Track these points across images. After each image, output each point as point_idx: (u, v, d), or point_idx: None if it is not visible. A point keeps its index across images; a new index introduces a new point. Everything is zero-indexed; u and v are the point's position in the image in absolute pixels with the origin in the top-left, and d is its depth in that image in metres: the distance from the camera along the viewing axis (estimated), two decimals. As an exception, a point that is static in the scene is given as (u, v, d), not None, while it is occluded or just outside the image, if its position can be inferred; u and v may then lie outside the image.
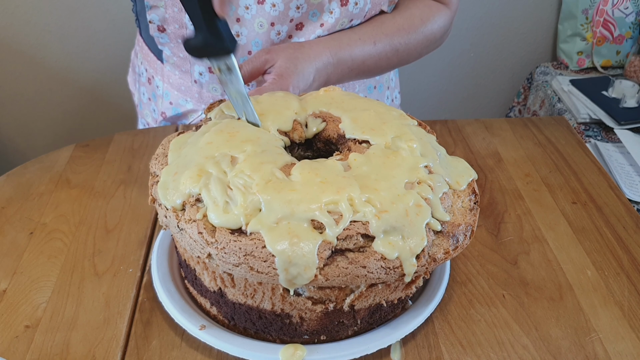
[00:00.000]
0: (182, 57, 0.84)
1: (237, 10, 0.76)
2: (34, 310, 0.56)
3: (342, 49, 0.75)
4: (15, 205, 0.71)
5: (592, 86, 1.57)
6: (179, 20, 0.78)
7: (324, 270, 0.44)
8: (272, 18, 0.76)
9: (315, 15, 0.77)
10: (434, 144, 0.56)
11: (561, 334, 0.54)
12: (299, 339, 0.51)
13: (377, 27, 0.79)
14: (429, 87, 1.92)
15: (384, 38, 0.78)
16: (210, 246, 0.45)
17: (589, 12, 1.67)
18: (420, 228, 0.46)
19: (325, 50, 0.73)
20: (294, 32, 0.79)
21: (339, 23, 0.79)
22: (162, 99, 0.92)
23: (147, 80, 0.95)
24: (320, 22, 0.78)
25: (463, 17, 1.78)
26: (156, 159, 0.55)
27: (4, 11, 1.58)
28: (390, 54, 0.80)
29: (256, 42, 0.79)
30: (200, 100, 0.88)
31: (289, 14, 0.77)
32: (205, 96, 0.87)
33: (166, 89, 0.90)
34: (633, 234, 0.67)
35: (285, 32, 0.78)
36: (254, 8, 0.76)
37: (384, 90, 0.97)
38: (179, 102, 0.90)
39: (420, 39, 0.82)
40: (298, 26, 0.79)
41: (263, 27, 0.77)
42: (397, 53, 0.80)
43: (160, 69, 0.89)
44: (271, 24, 0.77)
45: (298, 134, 0.57)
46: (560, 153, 0.83)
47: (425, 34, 0.82)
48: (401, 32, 0.80)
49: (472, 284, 0.60)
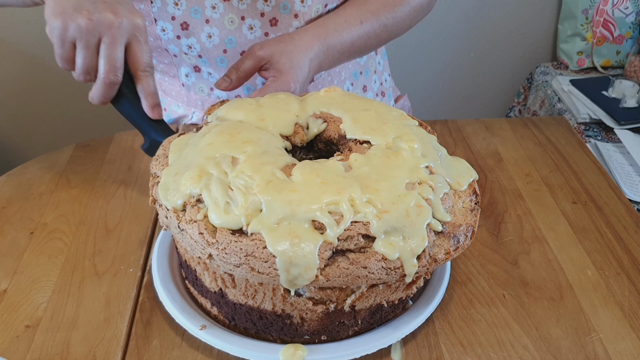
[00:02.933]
0: (167, 63, 0.84)
1: (205, 12, 0.75)
2: (35, 310, 0.56)
3: (329, 35, 0.74)
4: (15, 205, 0.71)
5: (592, 86, 1.57)
6: (153, 33, 0.77)
7: (324, 270, 0.44)
8: (241, 12, 0.76)
9: (286, 8, 0.76)
10: (434, 144, 0.56)
11: (561, 334, 0.54)
12: (300, 339, 0.51)
13: (362, 6, 0.78)
14: (429, 87, 1.92)
15: (370, 16, 0.77)
16: (211, 247, 0.45)
17: (589, 12, 1.67)
18: (421, 228, 0.46)
19: (315, 39, 0.72)
20: (269, 29, 0.78)
21: (314, 10, 0.78)
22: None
23: None
24: (293, 14, 0.78)
25: (463, 17, 1.78)
26: (157, 160, 0.55)
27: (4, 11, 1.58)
28: (379, 31, 0.79)
29: (229, 39, 0.78)
30: (189, 104, 0.88)
31: (257, 7, 0.76)
32: (193, 99, 0.87)
33: (161, 96, 0.91)
34: (633, 234, 0.67)
35: (259, 28, 0.78)
36: (221, 6, 0.75)
37: (371, 75, 0.96)
38: (172, 107, 0.90)
39: (407, 10, 0.80)
40: (272, 22, 0.78)
41: (234, 22, 0.76)
42: (387, 29, 0.79)
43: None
44: (241, 18, 0.76)
45: (300, 137, 0.57)
46: (560, 153, 0.83)
47: (412, 4, 0.81)
48: (387, 7, 0.78)
49: (473, 284, 0.60)
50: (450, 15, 1.78)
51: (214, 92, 0.86)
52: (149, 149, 0.65)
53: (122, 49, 0.58)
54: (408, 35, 0.97)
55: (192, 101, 0.88)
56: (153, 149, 0.63)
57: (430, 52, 1.84)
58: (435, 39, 1.82)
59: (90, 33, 0.56)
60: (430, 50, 1.84)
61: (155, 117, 0.63)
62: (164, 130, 0.64)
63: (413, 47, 1.82)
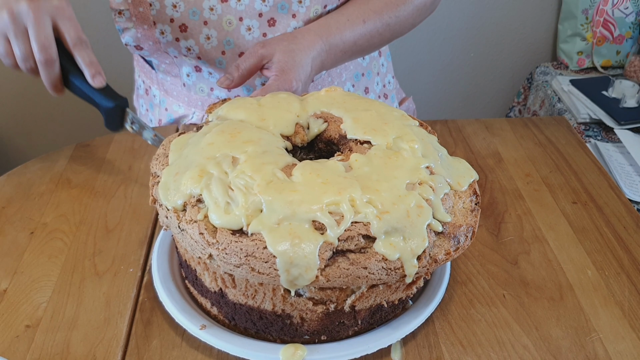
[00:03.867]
0: (169, 63, 0.85)
1: (203, 14, 0.75)
2: (35, 310, 0.56)
3: (332, 34, 0.74)
4: (15, 205, 0.71)
5: (592, 86, 1.57)
6: (152, 36, 0.78)
7: (325, 271, 0.44)
8: (239, 13, 0.76)
9: (284, 8, 0.76)
10: (435, 144, 0.56)
11: (561, 334, 0.54)
12: (300, 339, 0.51)
13: (365, 5, 0.78)
14: (429, 87, 1.92)
15: (373, 15, 0.77)
16: (211, 247, 0.45)
17: (589, 12, 1.67)
18: (422, 229, 0.46)
19: (317, 38, 0.72)
20: (267, 30, 0.78)
21: (312, 11, 0.78)
22: (159, 107, 0.93)
23: (144, 91, 0.96)
24: (291, 14, 0.77)
25: (463, 17, 1.78)
26: (157, 160, 0.55)
27: (4, 11, 1.58)
28: (382, 30, 0.78)
29: (227, 40, 0.78)
30: (189, 104, 0.88)
31: (255, 7, 0.76)
32: (193, 99, 0.88)
33: (162, 96, 0.91)
34: (633, 234, 0.67)
35: (257, 28, 0.78)
36: (219, 7, 0.75)
37: (373, 77, 0.96)
38: (173, 107, 0.90)
39: (410, 9, 0.80)
40: (270, 22, 0.78)
41: (232, 24, 0.76)
42: (389, 27, 0.79)
43: (155, 77, 0.90)
44: (239, 19, 0.76)
45: (300, 137, 0.57)
46: (560, 153, 0.83)
47: (415, 3, 0.80)
48: (390, 6, 0.78)
49: (473, 284, 0.60)
50: (451, 16, 1.78)
51: (214, 92, 0.86)
52: (108, 121, 0.68)
53: (48, 27, 0.63)
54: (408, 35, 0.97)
55: (192, 101, 0.88)
56: (110, 119, 0.68)
57: (430, 52, 1.84)
58: (435, 39, 1.82)
59: (15, 23, 0.62)
60: (430, 50, 1.84)
61: (97, 85, 0.66)
62: (112, 96, 0.67)
63: (413, 47, 1.82)
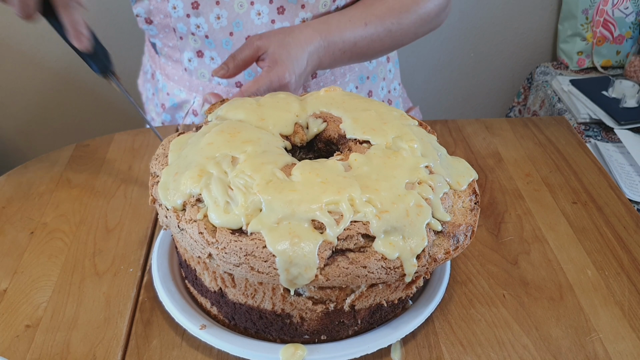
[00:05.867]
0: (172, 46, 0.85)
1: None
2: (35, 310, 0.56)
3: (331, 32, 0.74)
4: (15, 205, 0.71)
5: (592, 86, 1.57)
6: (163, 10, 0.79)
7: (324, 270, 0.45)
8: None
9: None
10: (434, 144, 0.56)
11: (561, 334, 0.54)
12: (300, 339, 0.51)
13: (367, 9, 0.78)
14: (429, 87, 1.92)
15: (375, 19, 0.77)
16: (210, 246, 0.45)
17: (589, 12, 1.67)
18: (421, 228, 0.46)
19: (315, 34, 0.72)
20: (276, 17, 0.79)
21: (321, 3, 0.78)
22: (162, 92, 0.94)
23: (151, 76, 0.97)
24: (300, 4, 0.78)
25: (463, 17, 1.78)
26: (156, 159, 0.55)
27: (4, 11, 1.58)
28: (383, 35, 0.78)
29: (237, 22, 0.79)
30: (190, 88, 0.89)
31: None
32: (194, 84, 0.88)
33: (164, 81, 0.92)
34: (633, 234, 0.67)
35: (267, 14, 0.78)
36: None
37: (379, 81, 0.96)
38: (174, 92, 0.91)
39: (414, 18, 0.80)
40: (279, 9, 0.78)
41: (243, 7, 0.77)
42: (391, 34, 0.79)
43: (159, 61, 0.91)
44: (251, 3, 0.77)
45: (299, 137, 0.57)
46: (560, 153, 0.83)
47: (419, 13, 0.80)
48: (392, 12, 0.78)
49: (473, 284, 0.60)
50: (451, 15, 1.78)
51: (215, 78, 0.87)
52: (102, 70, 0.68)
53: None
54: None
55: (193, 86, 0.89)
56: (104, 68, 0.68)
57: (430, 52, 1.84)
58: (435, 39, 1.82)
59: None
60: (430, 50, 1.84)
61: (82, 48, 0.66)
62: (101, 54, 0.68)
63: (413, 47, 1.82)
